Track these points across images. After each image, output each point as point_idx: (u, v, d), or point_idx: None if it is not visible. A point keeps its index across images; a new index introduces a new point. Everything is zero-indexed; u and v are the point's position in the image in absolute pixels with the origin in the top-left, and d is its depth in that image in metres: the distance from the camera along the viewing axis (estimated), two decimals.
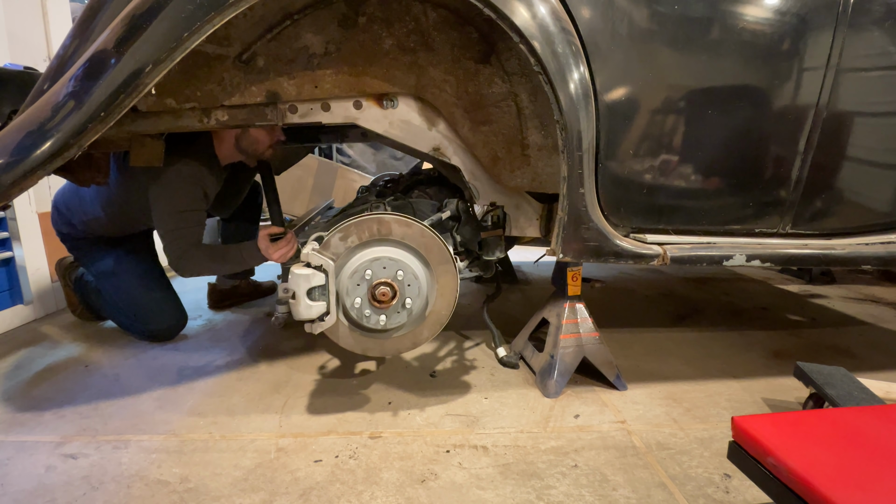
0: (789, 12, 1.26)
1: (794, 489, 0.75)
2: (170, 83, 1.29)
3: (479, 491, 1.11)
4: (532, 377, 1.61)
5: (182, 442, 1.27)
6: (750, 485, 1.10)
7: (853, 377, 1.31)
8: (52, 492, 1.08)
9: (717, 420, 1.40)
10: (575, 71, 1.17)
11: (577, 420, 1.39)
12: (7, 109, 1.26)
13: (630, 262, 1.33)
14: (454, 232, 1.57)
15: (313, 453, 1.23)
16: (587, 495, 1.09)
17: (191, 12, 0.99)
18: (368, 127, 1.41)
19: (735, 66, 1.28)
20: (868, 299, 2.59)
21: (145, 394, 1.50)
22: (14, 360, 1.73)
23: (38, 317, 2.12)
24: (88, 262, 1.86)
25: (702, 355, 1.82)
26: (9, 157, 1.00)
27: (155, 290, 1.85)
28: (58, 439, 1.27)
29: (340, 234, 1.25)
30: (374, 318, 1.25)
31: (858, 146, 1.40)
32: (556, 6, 1.15)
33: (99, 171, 1.49)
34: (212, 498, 1.07)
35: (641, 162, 1.31)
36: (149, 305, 1.83)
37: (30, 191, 2.03)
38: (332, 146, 4.22)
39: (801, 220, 1.44)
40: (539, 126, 1.39)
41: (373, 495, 1.09)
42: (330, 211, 2.04)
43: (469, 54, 1.35)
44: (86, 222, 1.75)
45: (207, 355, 1.76)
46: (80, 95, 1.01)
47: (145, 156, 1.45)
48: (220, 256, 1.57)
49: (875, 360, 1.81)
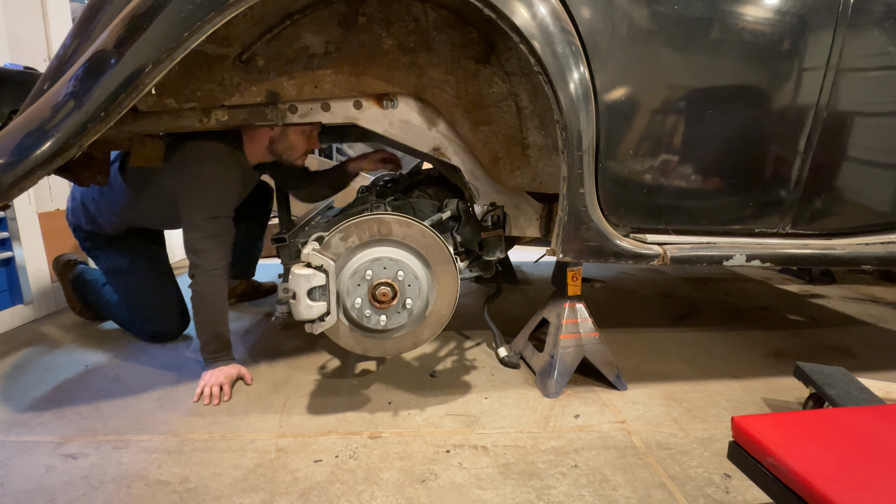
0: (789, 12, 1.26)
1: (794, 489, 0.75)
2: (170, 83, 1.29)
3: (479, 491, 1.11)
4: (532, 377, 1.61)
5: (182, 442, 1.27)
6: (750, 485, 1.10)
7: (853, 377, 1.31)
8: (52, 492, 1.08)
9: (717, 420, 1.40)
10: (575, 71, 1.17)
11: (577, 420, 1.39)
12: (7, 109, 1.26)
13: (630, 262, 1.33)
14: (454, 232, 1.57)
15: (313, 453, 1.23)
16: (587, 495, 1.09)
17: (191, 12, 0.99)
18: (368, 127, 1.41)
19: (735, 66, 1.28)
20: (868, 299, 2.59)
21: (145, 394, 1.50)
22: (14, 360, 1.72)
23: (38, 317, 2.12)
24: (102, 258, 1.80)
25: (702, 355, 1.82)
26: (9, 157, 1.00)
27: (165, 290, 1.83)
28: (58, 439, 1.27)
29: (341, 234, 1.25)
30: (374, 319, 1.25)
31: (858, 146, 1.40)
32: (556, 6, 1.15)
33: (99, 171, 1.47)
34: (212, 498, 1.07)
35: (641, 162, 1.31)
36: (157, 305, 1.82)
37: (30, 191, 2.03)
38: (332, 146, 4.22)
39: (801, 220, 1.44)
40: (539, 126, 1.39)
41: (373, 495, 1.09)
42: (330, 211, 2.03)
43: (469, 54, 1.35)
44: (112, 221, 1.69)
45: None
46: (80, 95, 1.01)
47: (145, 156, 1.45)
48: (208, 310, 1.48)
49: (875, 360, 1.81)
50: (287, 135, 1.55)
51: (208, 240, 1.46)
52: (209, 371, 1.50)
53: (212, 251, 1.46)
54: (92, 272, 2.00)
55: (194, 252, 1.46)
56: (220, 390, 1.46)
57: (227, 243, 1.50)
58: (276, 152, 1.59)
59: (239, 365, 1.56)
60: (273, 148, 1.57)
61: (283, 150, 1.58)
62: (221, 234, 1.48)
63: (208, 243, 1.46)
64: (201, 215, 1.45)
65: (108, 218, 1.69)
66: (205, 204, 1.46)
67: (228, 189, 1.50)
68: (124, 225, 1.72)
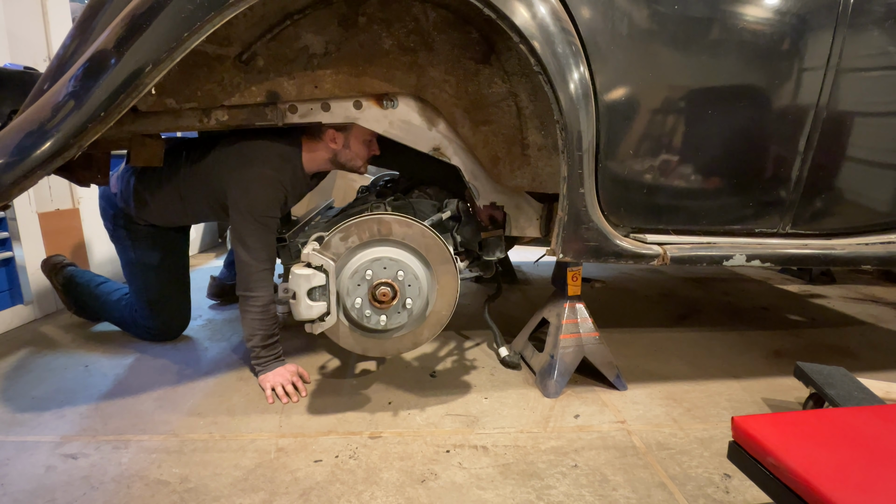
0: (789, 12, 1.26)
1: (794, 489, 0.75)
2: (170, 83, 1.29)
3: (479, 491, 1.11)
4: (532, 377, 1.61)
5: (182, 442, 1.27)
6: (750, 485, 1.10)
7: (853, 377, 1.31)
8: (52, 492, 1.08)
9: (717, 420, 1.40)
10: (575, 71, 1.17)
11: (577, 420, 1.39)
12: (7, 109, 1.26)
13: (630, 262, 1.33)
14: (454, 232, 1.57)
15: (313, 453, 1.23)
16: (587, 495, 1.09)
17: (191, 12, 0.99)
18: (368, 127, 1.41)
19: (735, 66, 1.28)
20: (868, 299, 2.59)
21: (145, 394, 1.50)
22: (14, 360, 1.72)
23: (38, 317, 2.12)
24: (135, 250, 1.74)
25: (702, 355, 1.82)
26: (9, 157, 1.00)
27: (185, 288, 1.84)
28: (58, 439, 1.27)
29: (341, 234, 1.25)
30: (374, 319, 1.25)
31: (858, 146, 1.40)
32: (556, 6, 1.15)
33: (99, 171, 1.47)
34: (212, 498, 1.07)
35: (641, 162, 1.31)
36: (176, 302, 1.82)
37: (30, 191, 2.03)
38: None
39: (801, 220, 1.44)
40: (539, 126, 1.39)
41: (373, 495, 1.09)
42: (330, 211, 2.03)
43: (469, 54, 1.35)
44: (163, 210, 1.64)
45: (208, 355, 1.76)
46: (80, 95, 1.01)
47: (145, 156, 1.45)
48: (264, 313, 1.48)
49: (875, 360, 1.81)
50: (350, 147, 1.54)
51: (254, 238, 1.46)
52: (270, 373, 1.50)
53: (259, 250, 1.46)
54: (84, 274, 1.98)
55: (245, 248, 1.46)
56: (294, 388, 1.48)
57: (272, 244, 1.51)
58: (339, 163, 1.58)
59: (294, 364, 1.57)
60: (336, 160, 1.57)
61: (346, 161, 1.57)
62: (267, 233, 1.48)
63: (255, 242, 1.46)
64: (248, 213, 1.45)
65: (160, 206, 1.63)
66: (250, 202, 1.46)
67: (275, 191, 1.49)
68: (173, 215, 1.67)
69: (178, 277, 1.82)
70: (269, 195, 1.47)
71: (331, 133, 1.50)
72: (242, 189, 1.46)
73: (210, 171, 1.52)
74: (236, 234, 1.48)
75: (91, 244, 2.45)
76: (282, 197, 1.51)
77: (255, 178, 1.46)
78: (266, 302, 1.47)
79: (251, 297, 1.46)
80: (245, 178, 1.46)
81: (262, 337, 1.49)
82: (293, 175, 1.54)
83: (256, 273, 1.46)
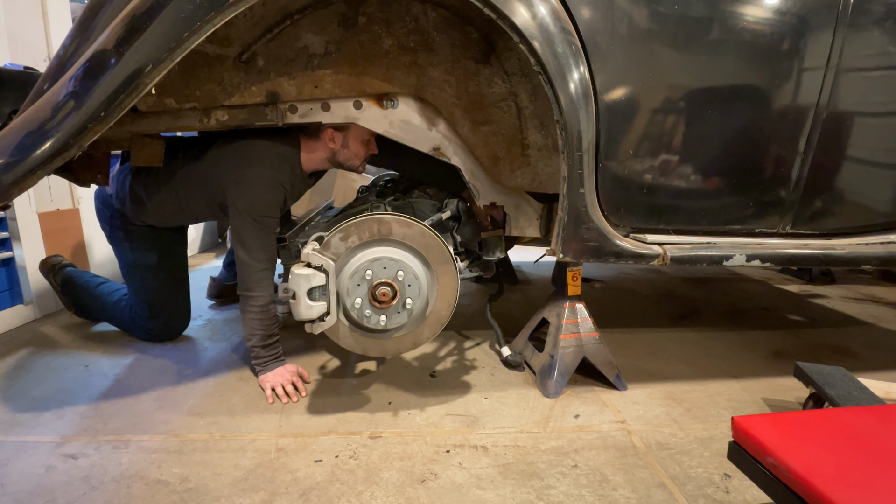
0: (789, 12, 1.26)
1: (794, 489, 0.75)
2: (170, 83, 1.29)
3: (479, 491, 1.11)
4: (532, 377, 1.61)
5: (182, 442, 1.27)
6: (750, 485, 1.10)
7: (853, 377, 1.31)
8: (52, 492, 1.08)
9: (717, 420, 1.40)
10: (575, 71, 1.17)
11: (577, 420, 1.39)
12: (7, 109, 1.26)
13: (630, 262, 1.33)
14: (454, 232, 1.57)
15: (313, 453, 1.23)
16: (587, 495, 1.09)
17: (191, 12, 0.99)
18: (368, 127, 1.41)
19: (735, 66, 1.28)
20: (868, 299, 2.59)
21: (145, 394, 1.50)
22: (14, 360, 1.72)
23: (38, 317, 2.12)
24: (133, 251, 1.73)
25: (702, 355, 1.82)
26: (9, 157, 1.00)
27: (184, 288, 1.84)
28: (58, 439, 1.27)
29: (341, 234, 1.25)
30: (374, 319, 1.25)
31: (858, 146, 1.40)
32: (556, 6, 1.15)
33: (99, 171, 1.46)
34: (212, 498, 1.07)
35: (641, 162, 1.31)
36: (175, 302, 1.82)
37: (30, 191, 2.03)
38: None
39: (801, 220, 1.44)
40: (539, 126, 1.39)
41: (373, 495, 1.09)
42: (330, 211, 2.03)
43: (469, 54, 1.35)
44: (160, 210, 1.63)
45: (207, 355, 1.76)
46: (80, 95, 1.01)
47: (145, 156, 1.44)
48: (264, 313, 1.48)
49: (875, 360, 1.81)
50: (348, 146, 1.54)
51: (253, 238, 1.45)
52: (270, 373, 1.50)
53: (258, 250, 1.46)
54: (82, 275, 1.97)
55: (244, 248, 1.45)
56: (294, 388, 1.48)
57: (271, 243, 1.51)
58: (338, 162, 1.58)
59: (294, 364, 1.56)
60: (334, 159, 1.57)
61: (344, 161, 1.57)
62: (266, 233, 1.48)
63: (255, 242, 1.45)
64: (248, 213, 1.45)
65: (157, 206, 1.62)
66: (249, 202, 1.45)
67: (274, 191, 1.49)
68: (170, 215, 1.66)
69: (177, 278, 1.82)
70: (268, 195, 1.47)
71: (329, 132, 1.50)
72: (242, 189, 1.46)
73: (208, 171, 1.52)
74: (236, 235, 1.48)
75: (91, 244, 2.45)
76: (281, 197, 1.51)
77: (255, 178, 1.46)
78: (266, 302, 1.47)
79: (251, 296, 1.46)
80: (244, 178, 1.46)
81: (261, 337, 1.49)
82: (292, 175, 1.53)
83: (256, 273, 1.46)
